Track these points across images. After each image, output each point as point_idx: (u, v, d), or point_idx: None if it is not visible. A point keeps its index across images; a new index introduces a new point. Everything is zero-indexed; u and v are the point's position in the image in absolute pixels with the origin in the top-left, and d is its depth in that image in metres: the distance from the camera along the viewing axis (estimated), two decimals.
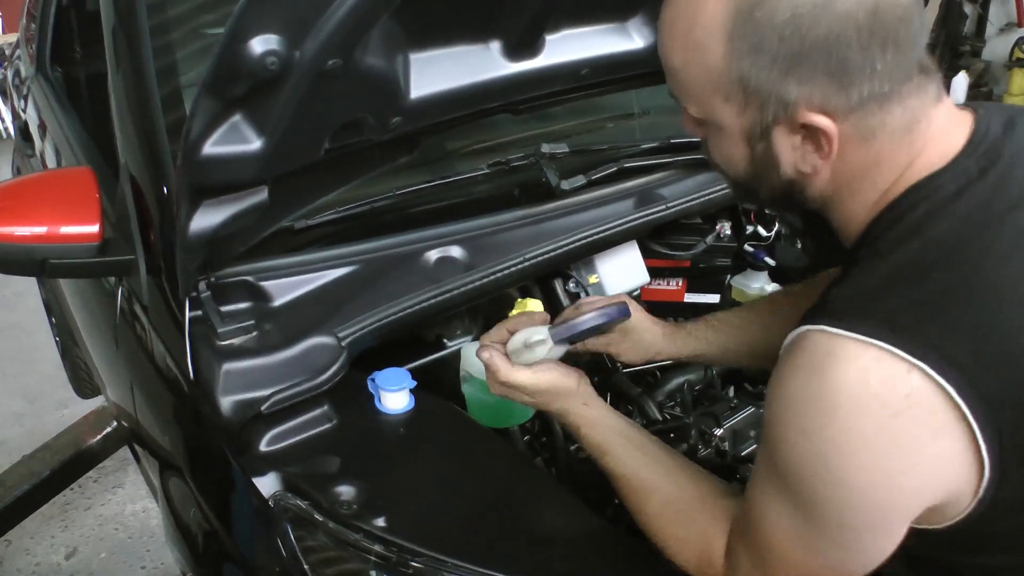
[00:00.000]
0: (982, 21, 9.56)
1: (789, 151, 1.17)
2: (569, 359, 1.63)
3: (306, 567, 1.42)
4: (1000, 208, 1.10)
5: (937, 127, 1.16)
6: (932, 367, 1.01)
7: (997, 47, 9.47)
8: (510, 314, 1.79)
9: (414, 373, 1.71)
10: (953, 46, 9.53)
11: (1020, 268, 1.07)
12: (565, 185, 2.15)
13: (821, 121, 1.10)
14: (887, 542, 1.14)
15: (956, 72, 9.28)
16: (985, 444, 1.02)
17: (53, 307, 3.99)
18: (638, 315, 1.76)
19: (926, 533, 1.13)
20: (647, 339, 1.78)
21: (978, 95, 9.30)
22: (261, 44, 1.22)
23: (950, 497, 1.09)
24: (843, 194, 1.21)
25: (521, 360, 1.55)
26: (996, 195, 1.11)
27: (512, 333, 1.59)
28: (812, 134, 1.13)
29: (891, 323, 1.04)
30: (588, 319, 1.58)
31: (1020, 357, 1.05)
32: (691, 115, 1.24)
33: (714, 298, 2.55)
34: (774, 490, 1.17)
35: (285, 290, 1.76)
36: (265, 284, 1.75)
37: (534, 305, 1.98)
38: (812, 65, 1.08)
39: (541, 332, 1.56)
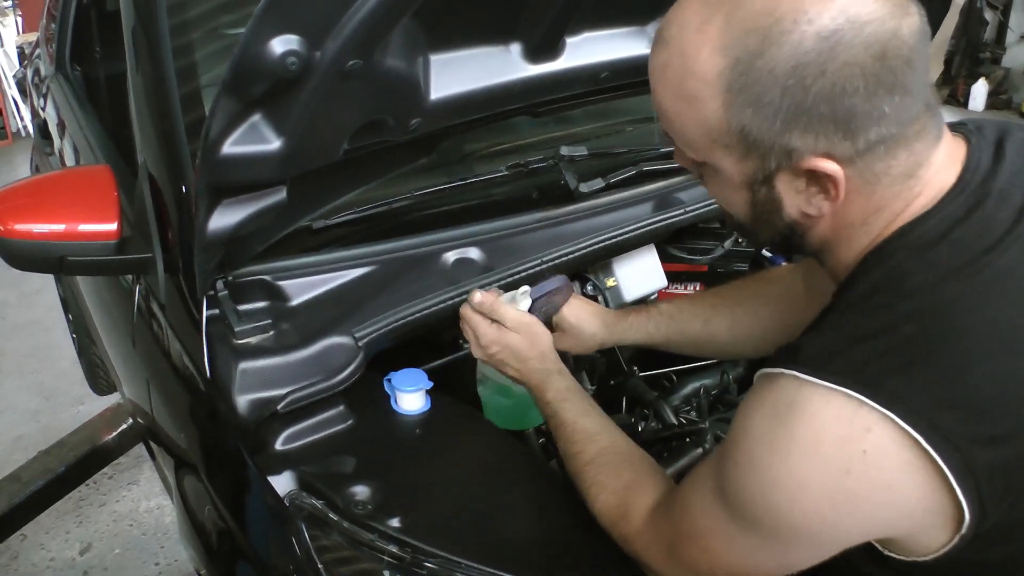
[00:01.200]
0: (1003, 28, 9.55)
1: (793, 195, 1.14)
2: (583, 362, 1.66)
3: (320, 566, 1.42)
4: (979, 250, 1.08)
5: (934, 170, 1.14)
6: (898, 416, 1.01)
7: (1018, 54, 9.45)
8: None
9: (430, 374, 1.71)
10: (973, 53, 9.51)
11: (993, 315, 1.05)
12: (584, 188, 2.14)
13: (828, 167, 1.08)
14: (815, 557, 1.16)
15: (976, 79, 9.27)
16: (958, 485, 1.02)
17: (70, 304, 4.00)
18: (576, 308, 1.84)
19: (917, 565, 1.13)
20: (587, 331, 1.85)
21: (997, 102, 9.28)
22: (281, 44, 1.23)
23: (916, 532, 1.09)
24: (840, 239, 1.19)
25: None
26: (978, 237, 1.09)
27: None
28: (817, 179, 1.11)
29: (858, 373, 1.04)
30: (553, 279, 1.75)
31: (990, 404, 1.03)
32: (686, 156, 1.22)
33: None
34: (714, 489, 1.19)
35: (302, 290, 1.76)
36: (282, 283, 1.75)
37: None
38: (817, 115, 1.04)
39: (525, 288, 1.71)
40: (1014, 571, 1.15)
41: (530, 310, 1.70)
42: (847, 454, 1.03)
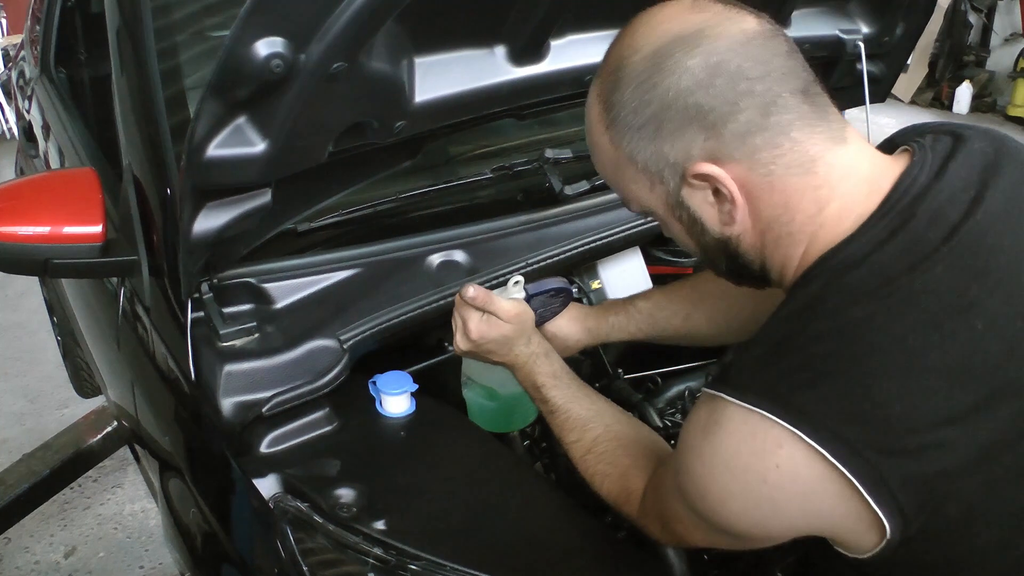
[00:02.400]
0: (987, 31, 9.60)
1: (708, 208, 1.22)
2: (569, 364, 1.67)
3: (305, 569, 1.42)
4: (900, 271, 1.10)
5: (847, 179, 1.17)
6: (805, 432, 1.06)
7: (1002, 57, 9.49)
8: None
9: (415, 377, 1.72)
10: (957, 56, 9.55)
11: (903, 333, 1.07)
12: (568, 190, 2.14)
13: (708, 168, 1.16)
14: (764, 543, 1.26)
15: (960, 82, 9.31)
16: (870, 496, 1.05)
17: (55, 307, 3.99)
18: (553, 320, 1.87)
19: (861, 562, 1.16)
20: (571, 337, 1.90)
21: (982, 105, 9.32)
22: (266, 47, 1.23)
23: (846, 534, 1.14)
24: (771, 249, 1.23)
25: None
26: (901, 257, 1.11)
27: None
28: (713, 186, 1.18)
29: (770, 392, 1.10)
30: (554, 279, 1.78)
31: (897, 420, 1.05)
32: (629, 207, 1.34)
33: None
34: (674, 477, 1.28)
35: (287, 292, 1.76)
36: (267, 286, 1.75)
37: None
38: (672, 121, 1.15)
39: (517, 277, 1.72)
40: (957, 569, 1.18)
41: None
42: (763, 468, 1.10)
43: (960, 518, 1.11)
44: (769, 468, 1.09)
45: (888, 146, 1.30)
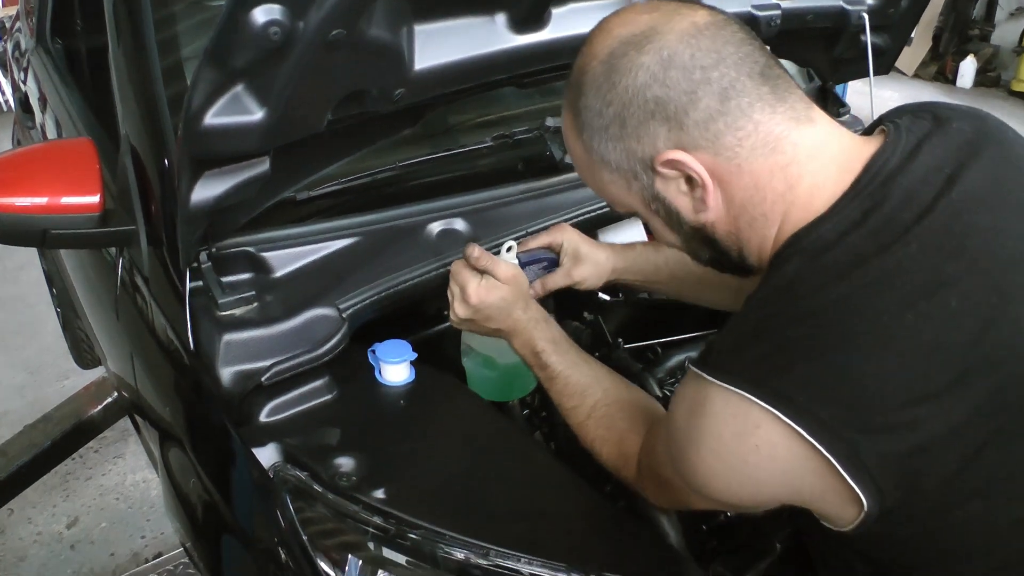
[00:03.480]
0: (992, 5, 9.55)
1: (682, 198, 1.25)
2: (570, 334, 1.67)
3: (305, 538, 1.42)
4: (872, 250, 1.12)
5: (815, 158, 1.20)
6: (783, 413, 1.08)
7: (1007, 32, 9.45)
8: None
9: (415, 345, 1.71)
10: (962, 30, 9.51)
11: (877, 313, 1.09)
12: (569, 159, 2.13)
13: (674, 154, 1.19)
14: (752, 510, 1.37)
15: (964, 57, 9.27)
16: (847, 473, 1.08)
17: (54, 278, 3.99)
18: (580, 240, 1.87)
19: (844, 535, 1.19)
20: (600, 258, 1.89)
21: (986, 80, 9.29)
22: (264, 14, 1.22)
23: (827, 508, 1.17)
24: (746, 233, 1.26)
25: None
26: (874, 238, 1.13)
27: None
28: (682, 173, 1.22)
29: (749, 374, 1.12)
30: (543, 251, 1.82)
31: (872, 399, 1.07)
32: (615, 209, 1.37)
33: None
34: (665, 447, 1.33)
35: (286, 261, 1.76)
36: (266, 255, 1.74)
37: None
38: (634, 118, 1.19)
39: (510, 243, 1.75)
40: (937, 542, 1.20)
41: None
42: (744, 447, 1.13)
43: (937, 493, 1.13)
44: (750, 449, 1.13)
45: (873, 128, 1.33)
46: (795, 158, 1.19)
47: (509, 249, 1.72)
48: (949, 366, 1.09)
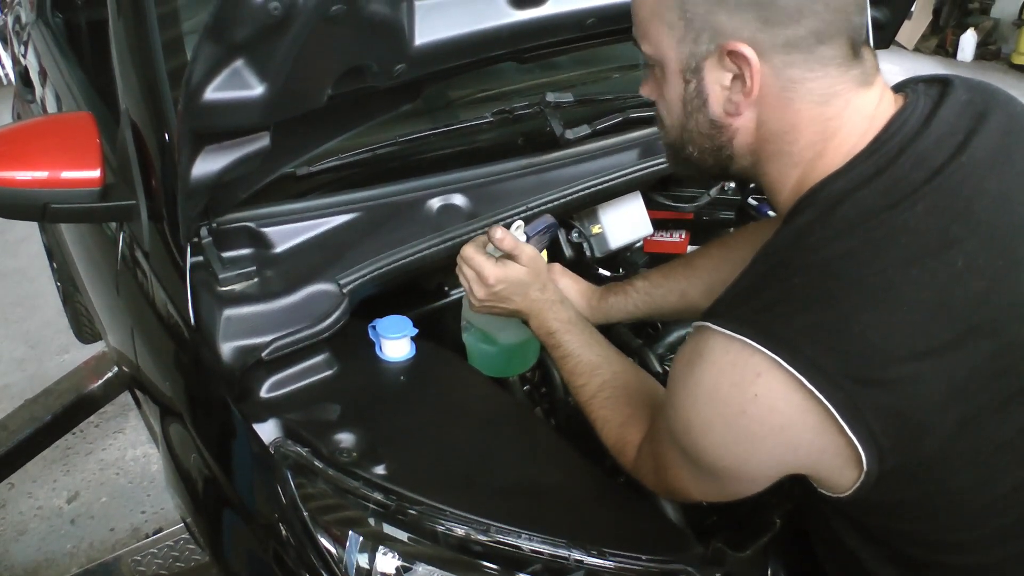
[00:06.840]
0: None
1: (718, 89, 1.22)
2: None
3: (305, 514, 1.43)
4: (882, 207, 1.12)
5: (856, 115, 1.20)
6: (784, 359, 1.08)
7: (1007, 5, 9.42)
8: None
9: (415, 321, 1.71)
10: (962, 3, 9.48)
11: (882, 268, 1.10)
12: (569, 135, 2.13)
13: (746, 50, 1.15)
14: (749, 488, 1.29)
15: (964, 30, 9.25)
16: (847, 424, 1.08)
17: (54, 253, 3.99)
18: (564, 285, 1.91)
19: (841, 502, 1.19)
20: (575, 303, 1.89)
21: (986, 53, 9.26)
22: None
23: (825, 470, 1.17)
24: (764, 157, 1.26)
25: None
26: (884, 195, 1.14)
27: None
28: (739, 71, 1.18)
29: (752, 321, 1.13)
30: (545, 217, 1.78)
31: (873, 352, 1.08)
32: (647, 64, 1.31)
33: None
34: (665, 419, 1.32)
35: (287, 236, 1.76)
36: (267, 230, 1.74)
37: None
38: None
39: (518, 222, 1.73)
40: (935, 508, 1.20)
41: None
42: (742, 397, 1.12)
43: (935, 455, 1.13)
44: (748, 399, 1.12)
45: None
46: (839, 114, 1.19)
47: (518, 228, 1.71)
48: (952, 324, 1.10)
